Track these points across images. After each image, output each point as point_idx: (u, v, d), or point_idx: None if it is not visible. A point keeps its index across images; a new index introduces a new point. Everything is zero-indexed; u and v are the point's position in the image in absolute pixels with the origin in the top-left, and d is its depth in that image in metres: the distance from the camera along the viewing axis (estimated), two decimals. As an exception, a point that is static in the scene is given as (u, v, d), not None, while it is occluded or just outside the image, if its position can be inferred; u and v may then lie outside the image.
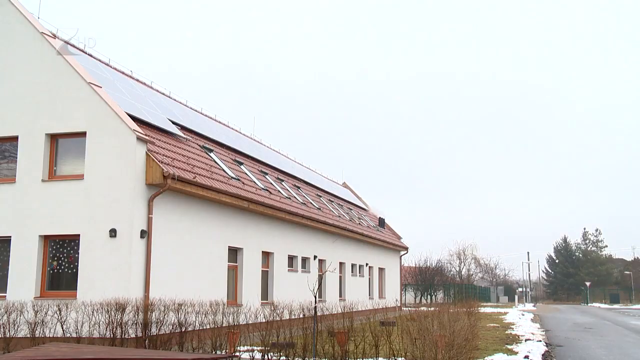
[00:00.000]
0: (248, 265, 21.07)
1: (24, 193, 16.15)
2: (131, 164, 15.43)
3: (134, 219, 15.24)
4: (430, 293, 63.48)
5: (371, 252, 37.27)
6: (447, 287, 65.97)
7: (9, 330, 14.18)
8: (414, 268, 66.71)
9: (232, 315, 15.17)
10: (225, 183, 19.28)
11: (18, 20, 17.10)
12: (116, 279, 14.98)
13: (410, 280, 65.63)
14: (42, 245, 15.92)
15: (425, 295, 63.27)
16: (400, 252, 45.43)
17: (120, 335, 14.04)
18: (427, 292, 63.40)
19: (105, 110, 15.90)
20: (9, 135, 16.62)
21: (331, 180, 43.35)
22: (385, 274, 40.71)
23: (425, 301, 59.64)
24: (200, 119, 25.52)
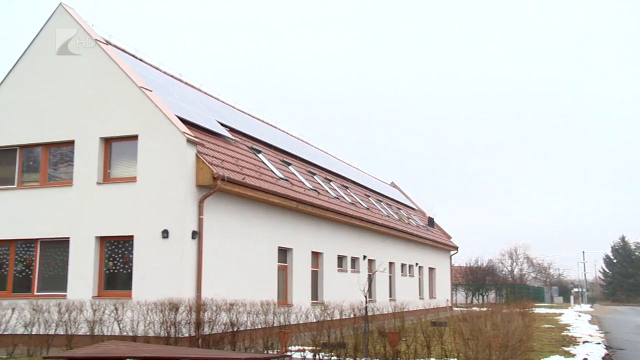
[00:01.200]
0: (298, 266, 21.14)
1: (81, 195, 16.61)
2: (182, 166, 15.68)
3: (185, 220, 15.48)
4: (481, 293, 62.47)
5: (421, 251, 36.90)
6: (499, 287, 64.77)
7: (70, 327, 14.63)
8: (465, 268, 65.77)
9: (283, 315, 15.24)
10: (273, 184, 19.40)
11: (73, 27, 17.57)
12: (169, 279, 15.24)
13: (461, 280, 64.74)
14: (98, 246, 16.33)
15: (477, 295, 62.30)
16: (450, 251, 44.86)
17: (174, 335, 14.28)
18: (479, 292, 62.41)
19: (156, 114, 16.21)
20: (65, 139, 17.12)
21: (379, 180, 43.15)
22: (436, 273, 40.24)
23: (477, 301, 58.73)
24: (249, 120, 25.77)
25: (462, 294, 62.54)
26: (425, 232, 38.44)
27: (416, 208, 46.24)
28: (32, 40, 17.90)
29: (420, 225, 39.64)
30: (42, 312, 15.01)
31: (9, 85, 17.95)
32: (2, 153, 17.93)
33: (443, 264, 42.83)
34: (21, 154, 17.76)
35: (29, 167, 17.79)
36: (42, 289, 16.76)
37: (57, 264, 16.80)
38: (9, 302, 15.93)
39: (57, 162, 17.55)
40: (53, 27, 17.79)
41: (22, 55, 17.97)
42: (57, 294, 16.28)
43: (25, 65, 17.92)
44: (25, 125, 17.56)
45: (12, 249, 17.27)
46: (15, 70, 17.97)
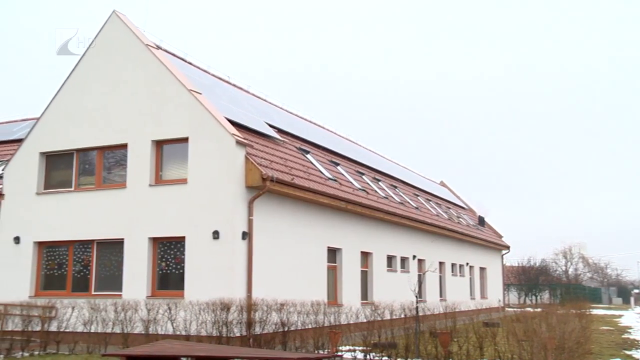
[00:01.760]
0: (347, 266, 21.12)
1: (134, 197, 17.00)
2: (231, 168, 15.87)
3: (236, 221, 15.65)
4: (534, 293, 61.10)
5: (471, 251, 36.37)
6: (553, 287, 63.21)
7: (126, 326, 15.00)
8: (517, 267, 64.44)
9: (334, 315, 15.27)
10: (322, 184, 19.44)
11: (125, 34, 18.04)
12: (220, 280, 15.44)
13: (513, 280, 63.46)
14: (151, 247, 16.68)
15: (530, 295, 60.95)
16: (502, 251, 44.06)
17: (225, 334, 14.46)
18: (532, 293, 61.04)
19: (205, 116, 16.45)
20: (119, 143, 17.55)
21: (428, 179, 42.74)
22: (487, 273, 39.59)
23: (530, 302, 57.47)
24: (296, 121, 25.91)
25: (515, 294, 61.29)
26: (476, 232, 37.86)
27: (466, 207, 45.61)
28: (87, 47, 18.44)
29: (470, 224, 39.08)
30: (100, 311, 15.45)
31: (66, 92, 18.52)
32: (61, 157, 18.52)
33: (494, 264, 42.10)
34: (78, 157, 18.31)
35: (85, 171, 18.31)
36: (99, 288, 17.24)
37: (113, 264, 17.25)
38: (69, 301, 16.44)
39: (112, 165, 18.02)
40: (106, 34, 18.28)
41: (78, 62, 18.53)
42: (113, 293, 16.72)
43: (81, 71, 18.46)
44: (81, 129, 18.09)
45: (70, 250, 17.83)
46: (71, 77, 18.53)
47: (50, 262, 18.09)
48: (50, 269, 18.06)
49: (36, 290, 17.87)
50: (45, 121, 18.69)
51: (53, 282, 17.92)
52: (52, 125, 18.54)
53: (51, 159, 18.68)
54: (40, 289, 17.92)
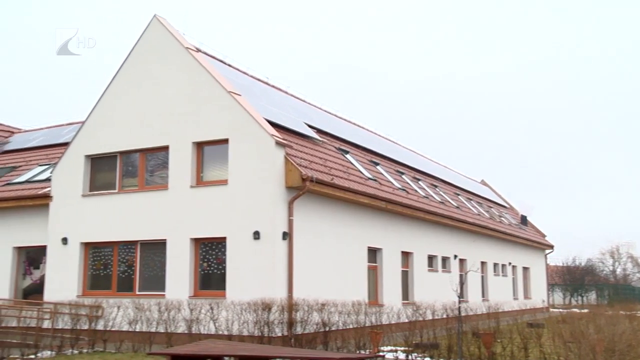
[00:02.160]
0: (388, 266, 21.02)
1: (176, 199, 17.25)
2: (271, 168, 15.95)
3: (276, 222, 15.72)
4: (580, 294, 59.71)
5: (514, 250, 35.77)
6: (600, 287, 61.66)
7: (170, 326, 15.24)
8: (562, 267, 63.09)
9: (375, 315, 15.21)
10: (362, 184, 19.38)
11: (166, 37, 18.33)
12: (261, 280, 15.54)
13: (558, 280, 62.15)
14: (193, 248, 16.89)
15: (575, 296, 59.59)
16: (545, 250, 43.22)
17: (267, 334, 14.55)
18: (577, 293, 59.67)
19: (245, 117, 16.58)
20: (161, 145, 17.83)
21: (469, 178, 42.22)
22: (530, 273, 38.88)
23: (576, 302, 56.20)
24: (336, 121, 25.91)
25: (560, 294, 60.00)
26: (518, 231, 37.23)
27: (507, 206, 44.90)
28: (129, 52, 18.79)
29: (512, 223, 38.45)
30: (144, 311, 15.72)
31: (109, 95, 18.92)
32: (105, 160, 18.92)
33: (538, 264, 41.33)
34: (121, 160, 18.67)
35: (128, 173, 18.67)
36: (143, 288, 17.54)
37: (156, 264, 17.53)
38: (114, 300, 16.79)
39: (154, 167, 18.32)
40: (148, 38, 18.60)
41: (120, 66, 18.90)
42: (156, 293, 16.99)
43: (124, 75, 18.83)
44: (124, 132, 18.44)
45: (115, 251, 18.20)
46: (114, 81, 18.92)
47: (96, 263, 18.50)
48: (96, 269, 18.47)
49: (83, 289, 18.29)
50: (90, 125, 19.12)
51: (99, 282, 18.32)
52: (96, 129, 18.95)
53: (96, 162, 19.10)
54: (87, 288, 18.34)
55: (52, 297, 18.01)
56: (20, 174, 22.40)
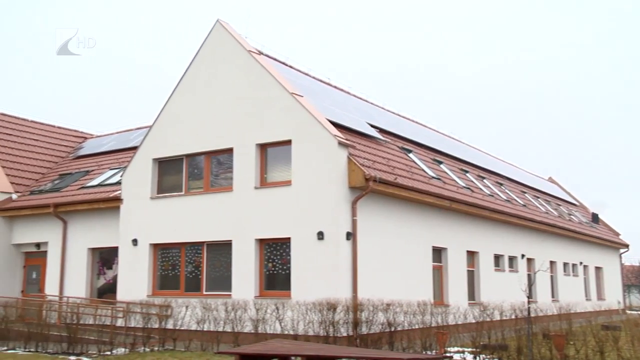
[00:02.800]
0: (453, 265, 20.70)
1: (240, 200, 17.51)
2: (334, 169, 15.97)
3: (340, 222, 15.73)
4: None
5: (585, 250, 34.54)
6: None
7: (236, 325, 15.49)
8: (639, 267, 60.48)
9: (441, 316, 15.01)
10: (426, 183, 19.17)
11: (229, 41, 18.65)
12: (325, 280, 15.58)
13: (634, 281, 59.62)
14: (258, 248, 17.11)
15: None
16: (620, 249, 41.53)
17: (332, 334, 14.58)
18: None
19: (307, 118, 16.66)
20: (225, 147, 18.15)
21: (535, 175, 41.09)
22: (603, 273, 37.45)
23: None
24: (398, 120, 25.74)
25: (637, 296, 57.54)
26: (589, 229, 35.93)
27: (577, 204, 43.42)
28: (194, 56, 19.22)
29: (582, 221, 37.15)
30: (211, 310, 16.03)
31: (175, 99, 19.40)
32: (171, 163, 19.42)
33: (612, 263, 39.75)
34: (187, 162, 19.11)
35: (193, 175, 19.08)
36: (210, 288, 17.89)
37: (222, 265, 17.85)
38: (182, 300, 17.20)
39: (218, 169, 18.66)
40: (211, 42, 18.98)
41: (185, 70, 19.35)
42: (223, 293, 17.29)
43: (188, 79, 19.27)
44: (190, 135, 18.87)
45: (182, 252, 18.64)
46: (180, 85, 19.39)
47: (165, 263, 19.00)
48: (165, 270, 18.97)
49: (153, 289, 18.82)
50: (156, 129, 19.66)
51: (168, 282, 18.81)
52: (163, 132, 19.47)
53: (163, 165, 19.62)
54: (157, 288, 18.86)
55: (124, 297, 18.63)
56: (93, 178, 23.28)
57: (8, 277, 22.78)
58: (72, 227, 21.86)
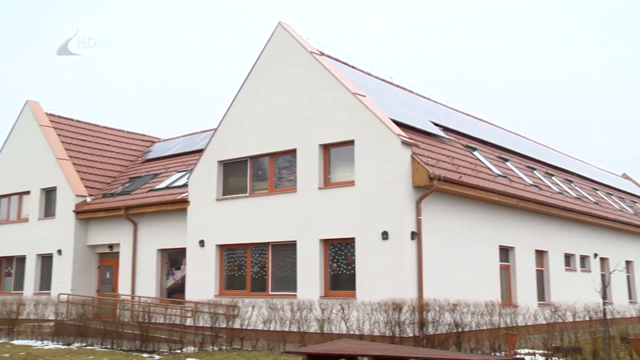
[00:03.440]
0: (521, 265, 20.18)
1: (304, 201, 17.61)
2: (398, 168, 15.85)
3: (404, 221, 15.61)
4: None
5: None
6: None
7: (302, 325, 15.59)
8: None
9: (510, 316, 14.64)
10: (491, 181, 18.78)
11: (291, 43, 18.78)
12: (390, 280, 15.48)
13: None
14: (322, 249, 17.16)
15: None
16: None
17: (398, 334, 14.47)
18: None
19: (370, 118, 16.60)
20: (288, 148, 18.29)
21: (608, 171, 39.54)
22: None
23: None
24: (462, 118, 25.33)
25: None
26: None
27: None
28: (256, 59, 19.46)
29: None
30: (277, 310, 16.19)
31: (239, 102, 19.70)
32: (236, 164, 19.73)
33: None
34: (251, 164, 19.37)
35: (258, 176, 19.33)
36: (276, 288, 18.07)
37: (287, 265, 18.00)
38: (249, 300, 17.45)
39: (282, 170, 18.83)
40: (273, 45, 19.17)
41: (249, 73, 19.61)
42: (288, 293, 17.43)
43: (251, 82, 19.53)
44: (253, 137, 19.12)
45: (248, 252, 18.91)
46: (243, 88, 19.68)
47: (231, 264, 19.32)
48: (231, 270, 19.29)
49: (220, 289, 19.17)
50: (221, 131, 20.01)
51: (234, 283, 19.12)
52: (227, 135, 19.80)
53: (228, 167, 19.96)
54: (224, 288, 19.20)
55: (193, 297, 19.05)
56: (161, 181, 23.94)
57: (84, 277, 23.72)
58: (142, 229, 22.54)
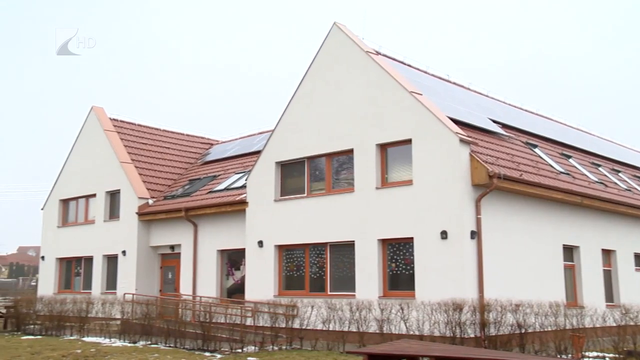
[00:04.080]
0: (587, 265, 19.55)
1: (362, 200, 17.56)
2: (456, 167, 15.62)
3: (463, 220, 15.37)
4: None
5: None
6: None
7: (361, 325, 15.56)
8: None
9: (576, 318, 14.20)
10: (553, 178, 18.29)
11: (346, 43, 18.78)
12: (450, 280, 15.28)
13: None
14: (380, 249, 17.08)
15: None
16: None
17: (459, 335, 14.26)
18: None
19: (427, 117, 16.43)
20: (345, 148, 18.28)
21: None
22: None
23: None
24: (521, 114, 24.78)
25: None
26: None
27: None
28: (312, 60, 19.55)
29: None
30: (336, 310, 16.20)
31: (295, 103, 19.83)
32: (294, 165, 19.86)
33: None
34: (308, 164, 19.45)
35: (315, 177, 19.40)
36: (334, 288, 18.09)
37: (345, 265, 17.99)
38: (308, 300, 17.53)
39: (339, 170, 18.84)
40: (329, 45, 19.21)
41: (305, 74, 19.72)
42: (347, 293, 17.43)
43: (307, 83, 19.63)
44: (310, 137, 19.20)
45: (307, 253, 19.00)
46: (299, 89, 19.79)
47: (290, 264, 19.46)
48: (290, 270, 19.43)
49: (279, 289, 19.34)
50: (278, 132, 20.19)
51: (293, 283, 19.25)
52: (284, 136, 19.95)
53: (285, 168, 20.11)
54: (283, 288, 19.36)
55: (252, 297, 19.30)
56: (220, 182, 24.34)
57: (148, 277, 24.38)
58: (202, 230, 22.98)
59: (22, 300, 24.43)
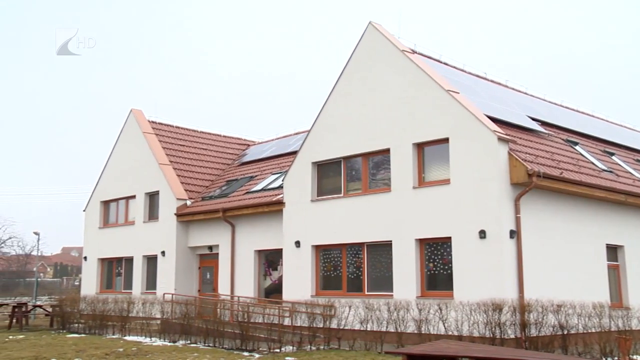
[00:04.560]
0: (632, 264, 19.07)
1: (399, 200, 17.47)
2: (494, 165, 15.42)
3: (502, 220, 15.16)
4: None
5: None
6: None
7: (399, 325, 15.48)
8: None
9: (622, 319, 13.86)
10: (595, 176, 17.90)
11: (382, 42, 18.72)
12: (489, 280, 15.08)
13: None
14: (418, 248, 16.96)
15: None
16: None
17: (499, 335, 14.06)
18: None
19: (464, 115, 16.25)
20: (382, 148, 18.22)
21: None
22: None
23: None
24: (561, 111, 24.31)
25: None
26: None
27: None
28: (347, 60, 19.54)
29: None
30: (374, 310, 16.14)
31: (331, 103, 19.84)
32: (330, 165, 19.87)
33: None
34: (345, 164, 19.44)
35: (351, 177, 19.37)
36: (372, 288, 18.04)
37: (383, 265, 17.92)
38: (345, 300, 17.52)
39: (375, 170, 18.78)
40: (364, 45, 19.16)
41: (340, 74, 19.72)
42: (384, 293, 17.36)
43: (343, 83, 19.62)
44: (346, 137, 19.18)
45: (344, 253, 18.99)
46: (335, 89, 19.80)
47: (327, 264, 19.48)
48: (327, 270, 19.45)
49: (316, 289, 19.37)
50: (314, 133, 20.23)
51: (330, 283, 19.26)
52: (320, 136, 19.98)
53: (322, 168, 20.13)
54: (320, 288, 19.39)
55: (290, 297, 19.37)
56: (257, 183, 24.52)
57: (186, 277, 24.72)
58: (239, 231, 23.17)
59: (66, 299, 25.03)
